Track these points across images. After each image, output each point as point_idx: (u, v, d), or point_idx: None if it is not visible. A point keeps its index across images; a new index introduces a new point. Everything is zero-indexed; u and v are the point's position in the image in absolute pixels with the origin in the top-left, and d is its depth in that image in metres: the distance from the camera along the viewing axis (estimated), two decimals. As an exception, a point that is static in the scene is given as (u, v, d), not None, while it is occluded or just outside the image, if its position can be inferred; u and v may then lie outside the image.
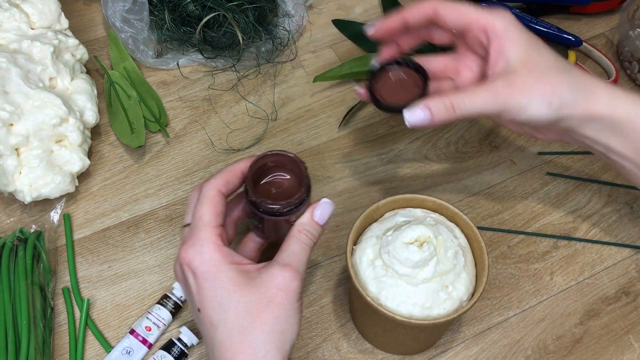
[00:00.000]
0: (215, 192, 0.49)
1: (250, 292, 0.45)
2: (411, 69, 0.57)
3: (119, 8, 0.74)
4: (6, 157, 0.62)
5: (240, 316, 0.45)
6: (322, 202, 0.51)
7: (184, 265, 0.47)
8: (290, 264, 0.47)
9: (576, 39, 0.76)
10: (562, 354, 0.60)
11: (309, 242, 0.49)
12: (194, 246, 0.47)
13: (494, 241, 0.66)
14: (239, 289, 0.45)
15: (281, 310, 0.45)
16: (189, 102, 0.76)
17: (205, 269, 0.46)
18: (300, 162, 0.51)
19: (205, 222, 0.48)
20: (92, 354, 0.59)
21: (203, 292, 0.46)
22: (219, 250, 0.47)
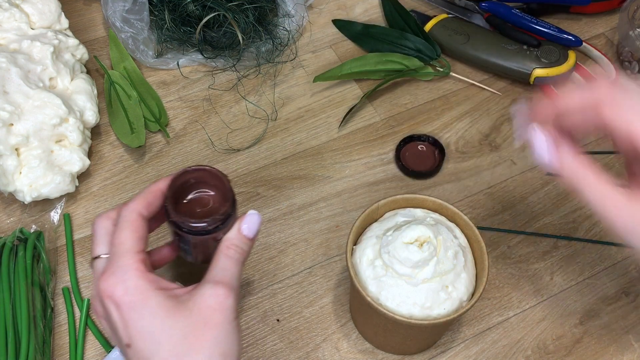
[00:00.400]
0: (135, 215, 0.45)
1: (184, 316, 0.42)
2: None
3: (119, 8, 0.74)
4: (6, 157, 0.62)
5: (176, 345, 0.41)
6: (249, 214, 0.48)
7: (104, 299, 0.42)
8: (222, 281, 0.44)
9: (576, 39, 0.77)
10: (562, 354, 0.60)
11: (238, 257, 0.46)
12: (114, 275, 0.42)
13: (494, 241, 0.66)
14: (170, 314, 0.42)
15: (219, 330, 0.42)
16: (189, 102, 0.76)
17: (131, 299, 0.42)
18: (222, 176, 0.48)
19: (127, 248, 0.44)
20: (92, 354, 0.59)
21: (130, 323, 0.41)
22: (144, 277, 0.43)
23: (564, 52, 0.75)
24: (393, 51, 0.78)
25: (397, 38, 0.79)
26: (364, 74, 0.77)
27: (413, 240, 0.51)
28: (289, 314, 0.62)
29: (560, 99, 0.44)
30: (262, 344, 0.60)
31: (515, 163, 0.72)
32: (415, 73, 0.77)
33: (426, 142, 0.72)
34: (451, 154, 0.72)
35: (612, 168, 0.71)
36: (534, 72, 0.75)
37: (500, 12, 0.79)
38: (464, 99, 0.77)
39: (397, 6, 0.81)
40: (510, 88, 0.78)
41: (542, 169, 0.45)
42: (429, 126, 0.74)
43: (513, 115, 0.48)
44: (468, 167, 0.71)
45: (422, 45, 0.78)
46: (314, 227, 0.67)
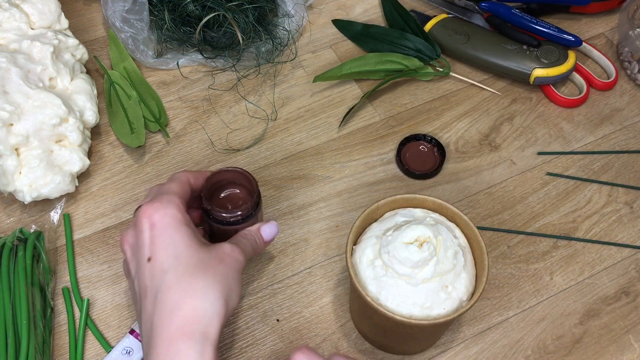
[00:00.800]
0: (185, 178, 0.53)
1: (203, 251, 0.48)
2: None
3: (119, 8, 0.74)
4: (6, 157, 0.62)
5: (192, 265, 0.47)
6: (271, 222, 0.56)
7: (143, 217, 0.48)
8: (238, 244, 0.51)
9: (576, 39, 0.76)
10: (562, 354, 0.60)
11: (253, 244, 0.53)
12: (159, 201, 0.49)
13: (494, 241, 0.66)
14: (193, 245, 0.48)
15: (229, 270, 0.49)
16: (189, 102, 0.76)
17: (167, 222, 0.48)
18: (252, 179, 0.56)
19: (174, 191, 0.50)
20: (92, 354, 0.59)
21: (158, 240, 0.47)
22: (182, 211, 0.49)
23: (564, 52, 0.75)
24: (393, 51, 0.78)
25: (397, 38, 0.79)
26: (364, 74, 0.77)
27: (413, 240, 0.51)
28: (288, 314, 0.62)
29: None
30: (262, 344, 0.60)
31: (515, 163, 0.72)
32: (415, 73, 0.77)
33: (427, 142, 0.72)
34: (451, 154, 0.72)
35: (611, 168, 0.72)
36: (534, 72, 0.75)
37: (500, 12, 0.79)
38: (463, 99, 0.77)
39: (397, 6, 0.81)
40: (510, 88, 0.78)
41: None
42: (429, 126, 0.74)
43: None
44: (468, 167, 0.71)
45: (422, 45, 0.78)
46: (314, 227, 0.67)
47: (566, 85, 0.79)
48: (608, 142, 0.74)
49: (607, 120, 0.76)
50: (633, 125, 0.75)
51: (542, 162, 0.72)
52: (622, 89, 0.78)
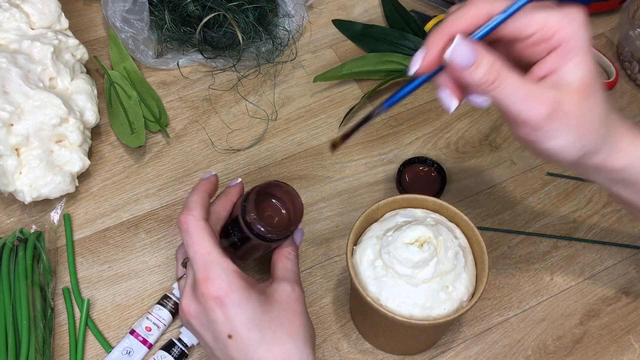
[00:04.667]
0: (203, 222, 0.50)
1: (276, 307, 0.50)
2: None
3: (119, 8, 0.74)
4: (6, 157, 0.62)
5: (276, 330, 0.48)
6: (300, 229, 0.56)
7: (209, 300, 0.48)
8: (294, 279, 0.53)
9: (576, 39, 0.76)
10: (563, 354, 0.60)
11: (297, 260, 0.55)
12: (219, 278, 0.48)
13: (494, 241, 0.66)
14: (267, 308, 0.49)
15: (303, 317, 0.50)
16: (189, 102, 0.76)
17: (236, 297, 0.48)
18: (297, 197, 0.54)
19: (217, 255, 0.49)
20: (92, 354, 0.59)
21: (235, 318, 0.48)
22: (241, 277, 0.49)
23: (564, 52, 0.75)
24: (393, 51, 0.78)
25: (397, 38, 0.79)
26: (364, 74, 0.77)
27: (413, 241, 0.51)
28: (289, 314, 0.62)
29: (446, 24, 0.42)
30: (262, 344, 0.60)
31: (515, 163, 0.72)
32: (415, 73, 0.77)
33: (427, 165, 0.70)
34: (451, 154, 0.72)
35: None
36: (534, 72, 0.74)
37: (501, 12, 0.79)
38: (464, 99, 0.77)
39: (397, 6, 0.81)
40: (511, 88, 0.78)
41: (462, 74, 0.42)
42: (429, 126, 0.74)
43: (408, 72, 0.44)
44: (468, 167, 0.71)
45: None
46: (314, 227, 0.67)
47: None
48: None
49: (607, 121, 0.76)
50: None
51: (542, 162, 0.72)
52: (622, 89, 0.78)
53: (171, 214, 0.67)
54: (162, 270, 0.64)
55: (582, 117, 0.43)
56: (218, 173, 0.70)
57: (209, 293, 0.48)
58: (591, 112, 0.43)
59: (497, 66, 0.41)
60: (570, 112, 0.42)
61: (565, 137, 0.43)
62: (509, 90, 0.41)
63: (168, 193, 0.69)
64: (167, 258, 0.65)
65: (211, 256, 0.49)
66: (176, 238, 0.66)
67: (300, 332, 0.49)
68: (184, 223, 0.50)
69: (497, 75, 0.41)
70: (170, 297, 0.60)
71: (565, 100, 0.42)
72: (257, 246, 0.54)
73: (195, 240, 0.50)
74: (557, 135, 0.43)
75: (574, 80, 0.42)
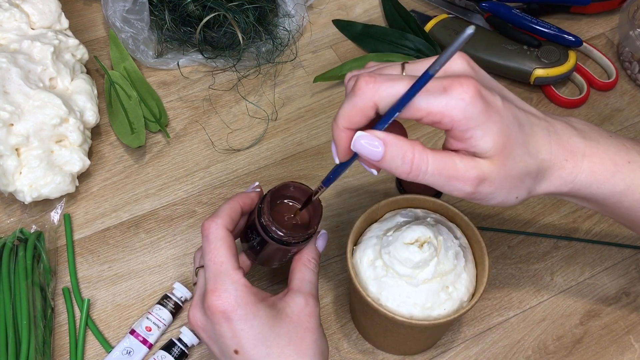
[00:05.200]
0: (225, 232, 0.49)
1: (286, 323, 0.48)
2: None
3: (119, 8, 0.74)
4: (6, 157, 0.62)
5: (284, 347, 0.47)
6: (322, 234, 0.54)
7: (216, 313, 0.47)
8: (311, 292, 0.50)
9: (576, 39, 0.76)
10: (563, 354, 0.60)
11: (316, 269, 0.52)
12: (227, 292, 0.47)
13: (494, 241, 0.66)
14: (276, 323, 0.47)
15: (316, 334, 0.48)
16: (189, 102, 0.76)
17: (243, 312, 0.46)
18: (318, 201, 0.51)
19: (230, 267, 0.48)
20: (92, 354, 0.59)
21: (242, 334, 0.46)
22: (250, 291, 0.48)
23: (564, 52, 0.75)
24: (393, 51, 0.78)
25: (397, 38, 0.79)
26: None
27: (413, 241, 0.51)
28: (289, 314, 0.62)
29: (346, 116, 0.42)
30: (262, 344, 0.60)
31: (515, 163, 0.72)
32: (415, 73, 0.77)
33: None
34: (451, 154, 0.72)
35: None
36: (534, 72, 0.75)
37: (501, 12, 0.79)
38: (464, 99, 0.77)
39: (397, 6, 0.81)
40: (510, 88, 0.78)
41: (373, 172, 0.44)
42: (429, 126, 0.74)
43: None
44: (468, 167, 0.71)
45: (422, 45, 0.78)
46: (314, 227, 0.67)
47: (566, 86, 0.79)
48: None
49: (607, 121, 0.76)
50: (634, 125, 0.75)
51: (543, 162, 0.72)
52: (622, 89, 0.78)
53: (171, 214, 0.67)
54: (162, 270, 0.64)
55: (507, 178, 0.43)
56: (218, 173, 0.70)
57: (215, 306, 0.47)
58: (514, 168, 0.43)
59: (409, 156, 0.41)
60: (495, 179, 0.42)
61: (499, 196, 0.43)
62: (431, 177, 0.42)
63: (168, 193, 0.69)
64: (167, 258, 0.65)
65: (223, 267, 0.48)
66: (176, 238, 0.66)
67: (310, 350, 0.47)
68: (207, 229, 0.49)
69: (411, 165, 0.41)
70: (170, 297, 0.60)
71: (487, 172, 0.42)
72: (276, 251, 0.52)
73: (213, 249, 0.49)
74: (491, 198, 0.43)
75: (488, 149, 0.41)
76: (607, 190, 0.46)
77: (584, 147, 0.45)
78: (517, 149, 0.42)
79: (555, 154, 0.45)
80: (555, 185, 0.45)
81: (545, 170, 0.45)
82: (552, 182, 0.45)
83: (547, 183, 0.45)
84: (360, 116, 0.42)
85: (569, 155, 0.45)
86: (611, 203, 0.47)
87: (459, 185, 0.42)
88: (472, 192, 0.42)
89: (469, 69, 0.43)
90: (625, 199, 0.46)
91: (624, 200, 0.46)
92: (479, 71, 0.44)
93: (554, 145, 0.45)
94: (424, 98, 0.40)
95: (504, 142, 0.42)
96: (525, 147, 0.43)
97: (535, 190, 0.45)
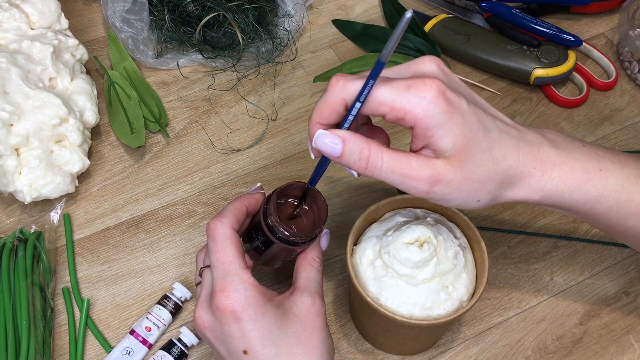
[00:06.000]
0: (231, 231, 0.49)
1: (294, 322, 0.48)
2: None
3: (119, 8, 0.74)
4: (6, 157, 0.62)
5: (293, 347, 0.47)
6: (325, 233, 0.54)
7: (225, 313, 0.47)
8: (316, 291, 0.50)
9: (576, 39, 0.76)
10: (562, 354, 0.60)
11: (321, 267, 0.52)
12: (236, 291, 0.47)
13: (494, 241, 0.66)
14: (284, 323, 0.48)
15: (323, 333, 0.49)
16: (189, 102, 0.76)
17: (252, 312, 0.47)
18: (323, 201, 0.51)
19: (237, 266, 0.48)
20: (92, 354, 0.59)
21: (251, 334, 0.46)
22: (259, 291, 0.48)
23: (564, 52, 0.75)
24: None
25: (397, 38, 0.79)
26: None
27: (413, 241, 0.51)
28: (289, 314, 0.62)
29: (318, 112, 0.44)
30: (262, 344, 0.60)
31: (515, 163, 0.72)
32: (415, 73, 0.77)
33: None
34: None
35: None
36: (534, 72, 0.75)
37: (500, 12, 0.79)
38: (464, 99, 0.77)
39: (397, 6, 0.81)
40: (510, 88, 0.78)
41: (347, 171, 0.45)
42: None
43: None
44: (468, 167, 0.71)
45: (422, 45, 0.78)
46: (314, 227, 0.67)
47: (566, 85, 0.79)
48: (608, 142, 0.74)
49: (607, 121, 0.76)
50: (633, 125, 0.75)
51: (542, 162, 0.72)
52: (622, 89, 0.78)
53: (171, 214, 0.67)
54: (162, 270, 0.64)
55: (466, 180, 0.43)
56: (218, 173, 0.70)
57: (224, 306, 0.47)
58: (475, 171, 0.43)
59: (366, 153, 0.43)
60: (452, 180, 0.43)
61: (458, 198, 0.44)
62: (386, 174, 0.43)
63: (168, 193, 0.69)
64: (167, 258, 0.65)
65: (231, 267, 0.48)
66: (176, 238, 0.66)
67: (319, 350, 0.48)
68: (213, 229, 0.49)
69: (367, 162, 0.43)
70: (170, 297, 0.60)
71: (442, 172, 0.42)
72: (281, 251, 0.51)
73: (220, 248, 0.48)
74: (450, 199, 0.44)
75: (447, 149, 0.42)
76: (579, 198, 0.46)
77: (554, 157, 0.46)
78: (479, 152, 0.43)
79: (524, 161, 0.45)
80: (524, 193, 0.45)
81: (512, 177, 0.45)
82: (520, 189, 0.45)
83: (515, 190, 0.45)
84: (330, 111, 0.44)
85: (538, 163, 0.45)
86: (585, 210, 0.47)
87: (413, 183, 0.43)
88: (427, 191, 0.43)
89: (439, 71, 0.44)
90: (599, 206, 0.47)
91: (597, 207, 0.47)
92: (449, 74, 0.44)
93: (522, 153, 0.45)
94: (388, 93, 0.41)
95: (463, 144, 0.42)
96: (489, 151, 0.43)
97: (501, 196, 0.45)
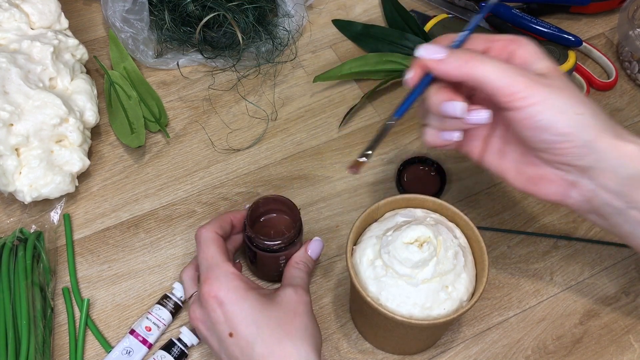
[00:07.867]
0: (213, 234, 0.54)
1: (276, 309, 0.51)
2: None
3: (119, 8, 0.74)
4: (6, 157, 0.62)
5: (274, 329, 0.49)
6: (314, 240, 0.59)
7: (209, 299, 0.50)
8: (299, 284, 0.54)
9: (576, 39, 0.76)
10: (562, 354, 0.60)
11: (306, 269, 0.56)
12: (217, 279, 0.51)
13: (494, 241, 0.66)
14: (266, 307, 0.50)
15: (306, 318, 0.51)
16: (189, 102, 0.76)
17: (233, 296, 0.50)
18: (295, 208, 0.58)
19: (219, 259, 0.53)
20: (92, 354, 0.59)
21: (234, 316, 0.49)
22: (240, 278, 0.52)
23: (564, 52, 0.75)
24: (393, 51, 0.78)
25: (397, 38, 0.79)
26: (364, 74, 0.77)
27: (413, 241, 0.51)
28: (289, 314, 0.62)
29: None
30: (262, 344, 0.60)
31: (515, 163, 0.72)
32: (415, 73, 0.77)
33: (427, 165, 0.69)
34: (451, 154, 0.72)
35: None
36: (534, 72, 0.74)
37: (500, 12, 0.79)
38: (464, 99, 0.77)
39: (397, 6, 0.81)
40: (510, 88, 0.78)
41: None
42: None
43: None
44: (468, 167, 0.71)
45: (422, 45, 0.78)
46: (314, 227, 0.67)
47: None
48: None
49: (607, 120, 0.76)
50: (633, 125, 0.75)
51: (542, 162, 0.72)
52: (622, 89, 0.78)
53: (171, 214, 0.68)
54: (162, 270, 0.64)
55: (567, 87, 0.45)
56: (218, 173, 0.70)
57: (208, 292, 0.50)
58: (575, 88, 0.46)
59: (469, 53, 0.46)
60: (552, 83, 0.45)
61: (555, 106, 0.44)
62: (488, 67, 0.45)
63: (168, 193, 0.69)
64: (167, 258, 0.65)
65: (213, 260, 0.52)
66: (176, 238, 0.66)
67: (300, 333, 0.50)
68: (198, 235, 0.55)
69: (470, 57, 0.45)
70: (170, 297, 0.60)
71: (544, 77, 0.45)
72: (267, 259, 0.58)
73: (203, 248, 0.54)
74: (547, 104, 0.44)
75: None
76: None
77: None
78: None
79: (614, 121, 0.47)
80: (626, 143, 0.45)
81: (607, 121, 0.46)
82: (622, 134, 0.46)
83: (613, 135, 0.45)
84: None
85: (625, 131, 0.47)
86: None
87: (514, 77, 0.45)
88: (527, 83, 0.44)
89: None
90: None
91: None
92: None
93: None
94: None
95: None
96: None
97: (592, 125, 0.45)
